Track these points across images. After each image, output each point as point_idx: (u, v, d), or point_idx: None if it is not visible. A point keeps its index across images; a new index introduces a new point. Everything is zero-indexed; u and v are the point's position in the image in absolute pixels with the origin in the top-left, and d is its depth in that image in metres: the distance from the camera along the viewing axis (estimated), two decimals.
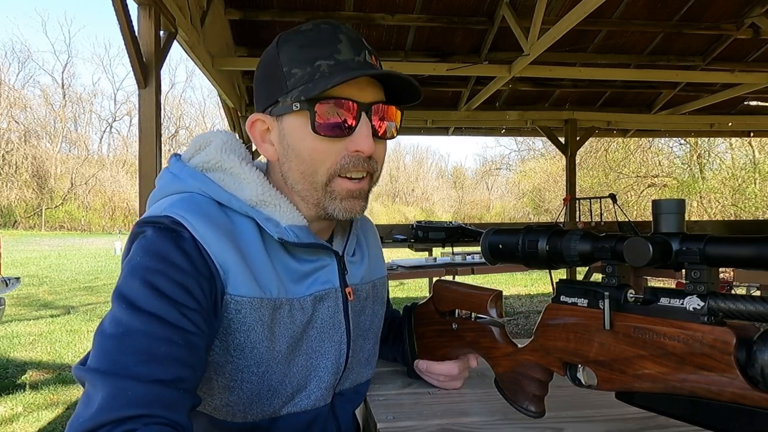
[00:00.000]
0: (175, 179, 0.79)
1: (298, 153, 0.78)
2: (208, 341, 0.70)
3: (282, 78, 0.77)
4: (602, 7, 3.59)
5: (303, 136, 0.77)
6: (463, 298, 0.91)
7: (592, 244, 0.65)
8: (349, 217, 0.80)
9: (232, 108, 5.84)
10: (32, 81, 36.60)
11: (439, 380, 0.98)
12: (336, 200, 0.79)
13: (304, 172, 0.78)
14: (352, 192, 0.78)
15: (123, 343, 0.61)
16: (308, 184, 0.79)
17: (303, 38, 0.78)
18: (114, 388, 0.58)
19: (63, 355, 4.81)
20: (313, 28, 0.78)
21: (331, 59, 0.75)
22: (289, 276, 0.79)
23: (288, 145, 0.79)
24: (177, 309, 0.65)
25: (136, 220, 0.76)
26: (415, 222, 5.93)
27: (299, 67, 0.76)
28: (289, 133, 0.78)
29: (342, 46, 0.76)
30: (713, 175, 18.56)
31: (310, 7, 4.79)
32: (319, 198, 0.79)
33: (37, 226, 25.24)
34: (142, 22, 3.11)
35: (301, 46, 0.77)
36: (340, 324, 0.85)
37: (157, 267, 0.67)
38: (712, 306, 0.55)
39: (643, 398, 0.61)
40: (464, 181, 32.70)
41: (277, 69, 0.78)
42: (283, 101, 0.77)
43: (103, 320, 0.65)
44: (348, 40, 0.77)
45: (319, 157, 0.77)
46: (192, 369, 0.64)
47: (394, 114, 0.82)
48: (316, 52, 0.75)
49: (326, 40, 0.76)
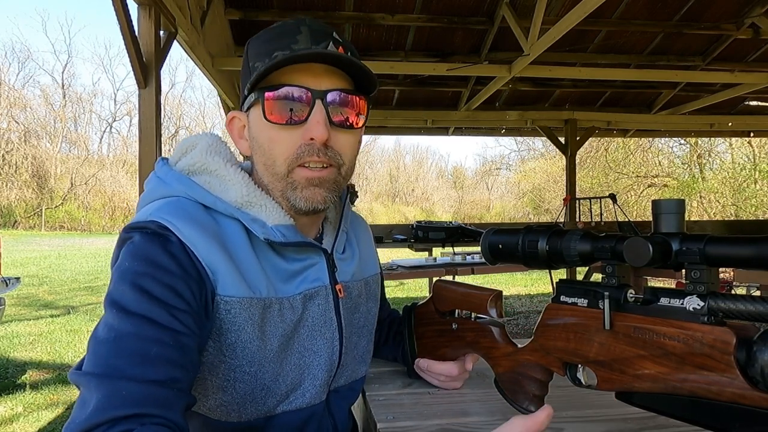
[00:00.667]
0: (162, 183, 0.79)
1: (259, 144, 0.80)
2: (200, 342, 0.70)
3: (248, 72, 0.79)
4: (602, 7, 3.59)
5: (261, 127, 0.79)
6: (462, 298, 0.91)
7: (592, 244, 0.65)
8: (310, 207, 0.79)
9: (232, 108, 5.84)
10: (32, 81, 36.56)
11: (439, 380, 0.98)
12: (297, 189, 0.79)
13: (265, 163, 0.80)
14: (312, 180, 0.78)
15: (116, 346, 0.62)
16: (271, 176, 0.80)
17: (267, 34, 0.80)
18: (109, 390, 0.59)
19: (63, 355, 4.81)
20: (279, 24, 0.80)
21: (287, 49, 0.76)
22: (277, 275, 0.79)
23: (252, 137, 0.81)
24: (167, 310, 0.66)
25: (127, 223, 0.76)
26: (415, 222, 5.94)
27: (260, 60, 0.77)
28: (252, 125, 0.81)
29: (300, 37, 0.77)
30: (713, 175, 18.55)
31: (310, 7, 4.79)
32: (282, 189, 0.80)
33: (37, 226, 25.23)
34: (142, 22, 3.11)
35: (266, 40, 0.79)
36: (331, 321, 0.85)
37: (145, 270, 0.67)
38: (712, 306, 0.55)
39: (643, 398, 0.61)
40: (464, 181, 32.68)
41: (246, 65, 0.81)
42: (248, 94, 0.79)
43: (96, 326, 0.65)
44: (309, 32, 0.77)
45: (275, 146, 0.78)
46: (184, 369, 0.65)
47: (356, 102, 0.80)
48: (275, 45, 0.77)
49: (287, 32, 0.78)
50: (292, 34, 0.77)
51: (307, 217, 0.85)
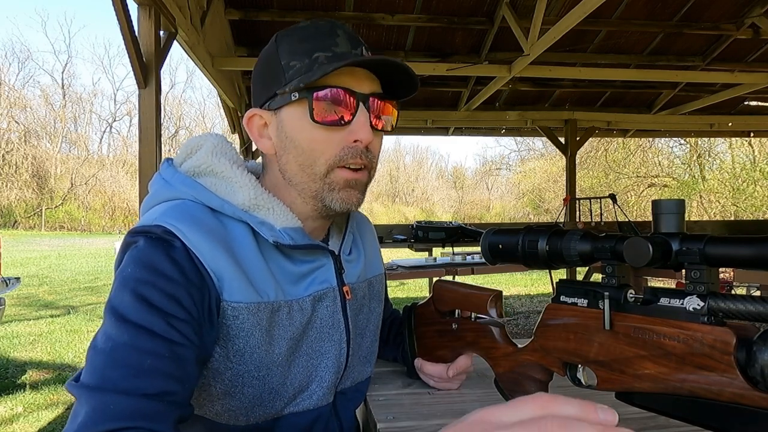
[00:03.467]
0: (167, 186, 0.79)
1: (296, 144, 0.78)
2: (201, 352, 0.70)
3: (281, 71, 0.78)
4: (602, 7, 3.58)
5: (302, 127, 0.77)
6: (463, 299, 0.91)
7: (592, 244, 0.65)
8: (345, 208, 0.80)
9: (232, 108, 5.84)
10: (32, 81, 36.48)
11: (433, 380, 0.98)
12: (334, 191, 0.79)
13: (302, 163, 0.79)
14: (350, 181, 0.79)
15: (111, 357, 0.62)
16: (307, 176, 0.79)
17: (302, 32, 0.79)
18: (98, 403, 0.59)
19: (63, 355, 4.81)
20: (311, 24, 0.80)
21: (329, 51, 0.76)
22: (286, 278, 0.79)
23: (286, 136, 0.79)
24: (165, 320, 0.65)
25: (133, 226, 0.76)
26: (415, 222, 5.94)
27: (298, 59, 0.77)
28: (288, 124, 0.79)
29: (339, 40, 0.77)
30: (713, 175, 18.56)
31: (310, 7, 4.79)
32: (317, 190, 0.79)
33: (37, 226, 25.22)
34: (142, 22, 3.11)
35: (300, 39, 0.78)
36: (339, 323, 0.85)
37: (147, 278, 0.67)
38: (712, 306, 0.55)
39: (643, 398, 0.61)
40: (464, 181, 32.66)
41: (276, 63, 0.79)
42: (281, 93, 0.78)
43: (96, 335, 0.65)
44: (345, 35, 0.79)
45: (318, 147, 0.77)
46: (179, 381, 0.64)
47: (390, 107, 0.82)
48: (315, 45, 0.77)
49: (324, 34, 0.78)
50: (331, 36, 0.77)
51: (321, 220, 0.85)
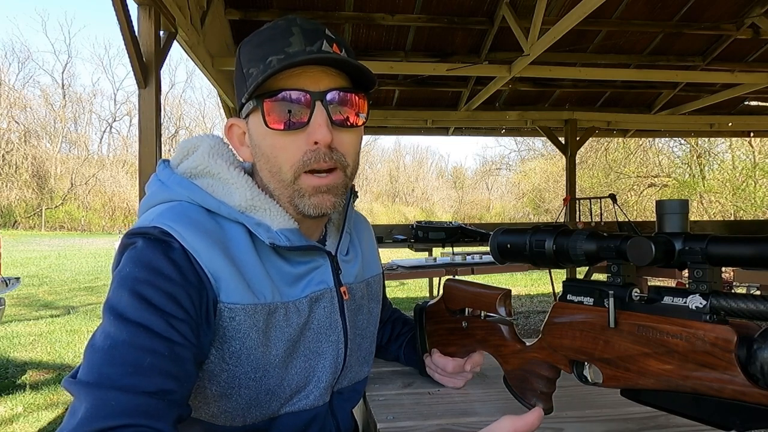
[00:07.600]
0: (164, 187, 0.79)
1: (262, 151, 0.79)
2: (198, 352, 0.70)
3: (244, 79, 0.78)
4: (602, 7, 3.59)
5: (263, 134, 0.78)
6: (473, 297, 0.92)
7: (598, 244, 0.65)
8: (319, 213, 0.79)
9: (232, 108, 5.84)
10: (32, 81, 36.49)
11: (439, 373, 0.99)
12: (305, 197, 0.78)
13: (270, 170, 0.79)
14: (319, 188, 0.77)
15: (110, 355, 0.62)
16: (277, 182, 0.79)
17: (258, 37, 0.78)
18: (98, 400, 0.58)
19: (63, 355, 4.81)
20: (269, 27, 0.79)
21: (282, 53, 0.74)
22: (282, 279, 0.79)
23: (255, 144, 0.80)
24: (164, 319, 0.65)
25: (131, 227, 0.76)
26: (415, 222, 5.95)
27: (254, 65, 0.76)
28: (253, 132, 0.80)
29: (293, 39, 0.75)
30: (713, 175, 18.57)
31: (310, 7, 4.80)
32: (290, 195, 0.79)
33: (37, 226, 25.22)
34: (142, 22, 3.11)
35: (257, 44, 0.77)
36: (336, 324, 0.85)
37: (146, 277, 0.66)
38: (714, 304, 0.56)
39: (647, 395, 0.62)
40: (464, 181, 32.67)
41: (240, 71, 0.79)
42: (245, 101, 0.78)
43: (94, 334, 0.65)
44: (301, 32, 0.75)
45: (280, 153, 0.77)
46: (177, 380, 0.64)
47: (355, 101, 0.78)
48: (268, 49, 0.75)
49: (279, 35, 0.76)
50: (285, 36, 0.75)
51: (312, 220, 0.84)
